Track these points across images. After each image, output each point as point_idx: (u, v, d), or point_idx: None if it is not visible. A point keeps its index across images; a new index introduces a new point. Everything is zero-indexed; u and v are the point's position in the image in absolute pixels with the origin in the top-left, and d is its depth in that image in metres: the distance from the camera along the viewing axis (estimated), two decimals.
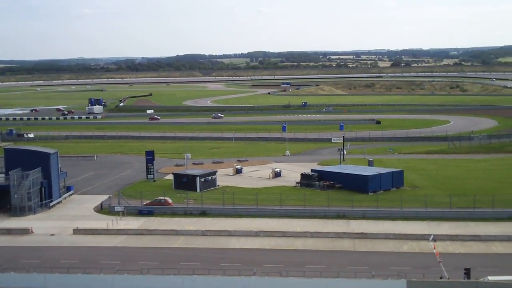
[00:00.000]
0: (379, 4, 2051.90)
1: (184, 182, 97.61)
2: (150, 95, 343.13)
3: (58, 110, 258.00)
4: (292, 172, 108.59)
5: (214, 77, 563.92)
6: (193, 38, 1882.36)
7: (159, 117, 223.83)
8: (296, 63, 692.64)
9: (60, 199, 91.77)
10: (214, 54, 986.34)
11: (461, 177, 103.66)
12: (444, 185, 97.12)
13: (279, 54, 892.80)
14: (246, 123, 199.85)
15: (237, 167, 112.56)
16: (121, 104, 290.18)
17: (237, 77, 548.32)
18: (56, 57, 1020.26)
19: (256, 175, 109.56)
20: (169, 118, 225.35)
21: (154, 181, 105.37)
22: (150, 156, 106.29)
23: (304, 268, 58.24)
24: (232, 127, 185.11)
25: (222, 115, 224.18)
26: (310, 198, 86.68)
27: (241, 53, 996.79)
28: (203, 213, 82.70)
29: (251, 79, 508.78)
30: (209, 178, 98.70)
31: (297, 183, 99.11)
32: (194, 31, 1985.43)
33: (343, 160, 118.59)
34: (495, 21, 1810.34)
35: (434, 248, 64.21)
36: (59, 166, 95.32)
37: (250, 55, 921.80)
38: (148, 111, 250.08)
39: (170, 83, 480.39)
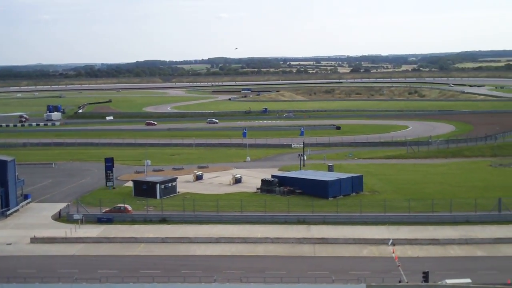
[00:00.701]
0: (339, 11, 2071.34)
1: (144, 189, 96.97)
2: (110, 101, 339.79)
3: (21, 117, 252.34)
4: (253, 178, 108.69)
5: (174, 83, 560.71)
6: (153, 44, 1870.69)
7: (155, 123, 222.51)
8: (256, 69, 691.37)
9: (17, 207, 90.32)
10: (174, 60, 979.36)
11: (419, 182, 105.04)
12: (403, 189, 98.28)
13: (240, 60, 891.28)
14: (207, 129, 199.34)
15: (197, 173, 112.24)
16: (80, 111, 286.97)
17: (197, 83, 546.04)
18: (13, 63, 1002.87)
19: (217, 181, 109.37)
20: (164, 123, 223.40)
21: (114, 188, 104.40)
22: (109, 163, 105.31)
23: (264, 274, 58.39)
24: (192, 133, 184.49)
25: (217, 121, 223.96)
26: (270, 204, 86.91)
27: (202, 59, 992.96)
28: (163, 220, 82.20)
29: (212, 85, 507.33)
30: (169, 185, 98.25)
31: (257, 189, 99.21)
32: (154, 37, 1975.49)
33: (304, 165, 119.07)
34: (452, 28, 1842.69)
35: (393, 252, 64.90)
36: (16, 174, 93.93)
37: (211, 61, 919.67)
38: (108, 118, 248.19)
39: (120, 90, 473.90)
